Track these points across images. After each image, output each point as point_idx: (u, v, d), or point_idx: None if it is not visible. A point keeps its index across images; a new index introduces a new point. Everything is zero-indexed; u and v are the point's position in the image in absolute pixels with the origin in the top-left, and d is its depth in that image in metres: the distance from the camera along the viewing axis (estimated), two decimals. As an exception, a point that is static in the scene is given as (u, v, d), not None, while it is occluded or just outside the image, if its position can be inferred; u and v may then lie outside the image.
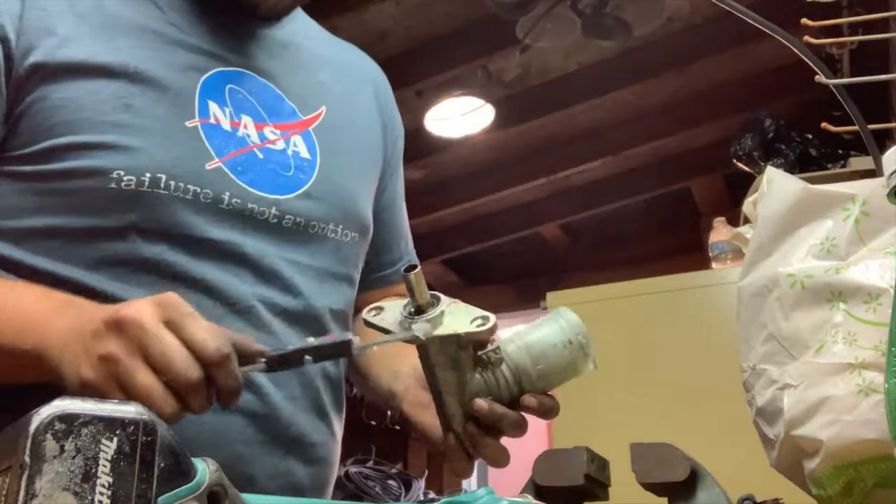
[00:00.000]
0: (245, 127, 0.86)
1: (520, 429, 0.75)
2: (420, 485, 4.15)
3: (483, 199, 4.11)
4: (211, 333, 0.62)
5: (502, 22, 2.84)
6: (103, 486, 0.39)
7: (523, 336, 0.75)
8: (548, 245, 4.66)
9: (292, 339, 0.84)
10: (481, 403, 0.73)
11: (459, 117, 3.55)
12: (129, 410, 0.41)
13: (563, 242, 4.64)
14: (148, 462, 0.40)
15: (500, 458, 0.77)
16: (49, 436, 0.38)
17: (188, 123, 0.82)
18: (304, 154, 0.90)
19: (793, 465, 0.72)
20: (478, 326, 0.69)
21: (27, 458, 0.38)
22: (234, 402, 0.65)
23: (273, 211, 0.85)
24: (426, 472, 4.45)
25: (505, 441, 0.78)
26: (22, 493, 0.37)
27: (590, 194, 4.22)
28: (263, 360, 0.65)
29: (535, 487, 0.78)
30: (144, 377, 0.60)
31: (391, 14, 3.09)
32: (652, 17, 2.85)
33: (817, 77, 0.96)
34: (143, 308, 0.63)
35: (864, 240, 0.71)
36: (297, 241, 0.87)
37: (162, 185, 0.79)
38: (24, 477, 0.37)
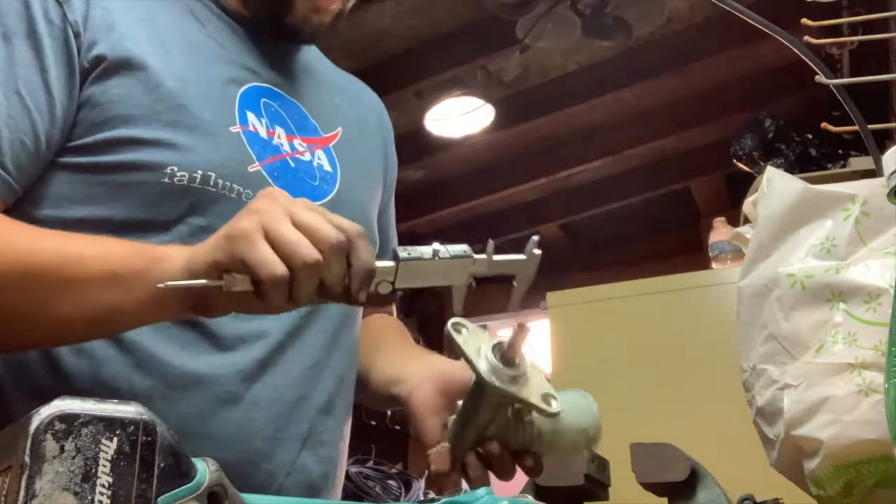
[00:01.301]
0: (278, 137, 0.91)
1: (508, 476, 0.76)
2: (420, 485, 4.15)
3: (483, 199, 4.11)
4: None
5: (502, 22, 2.84)
6: (103, 486, 0.39)
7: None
8: (548, 245, 4.64)
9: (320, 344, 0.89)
10: (494, 449, 0.74)
11: (459, 117, 3.55)
12: (129, 410, 0.41)
13: (563, 242, 4.65)
14: (148, 462, 0.40)
15: (481, 482, 0.75)
16: (49, 436, 0.38)
17: (232, 129, 0.87)
18: (327, 168, 0.95)
19: (793, 465, 0.72)
20: (545, 404, 0.69)
21: (27, 458, 0.38)
22: (365, 288, 0.67)
23: None
24: (426, 472, 4.45)
25: None
26: (22, 493, 0.37)
27: (590, 194, 4.23)
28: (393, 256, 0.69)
29: (535, 487, 0.78)
30: (290, 232, 0.65)
31: (391, 14, 3.09)
32: (652, 17, 2.85)
33: (817, 77, 0.96)
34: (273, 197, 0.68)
35: (864, 240, 0.71)
36: None
37: (211, 182, 0.82)
38: (25, 477, 0.37)
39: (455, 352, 0.71)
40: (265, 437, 0.83)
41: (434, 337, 3.69)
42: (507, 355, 0.69)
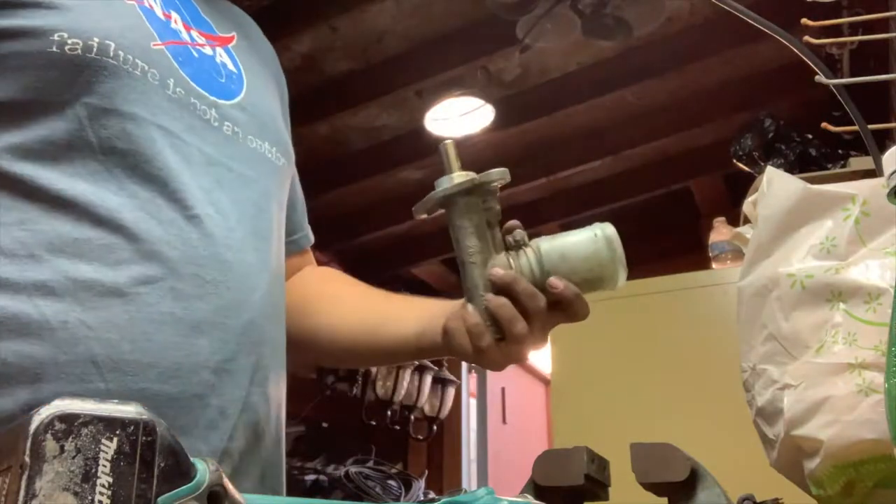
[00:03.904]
0: (175, 22, 0.79)
1: (537, 304, 0.76)
2: (420, 485, 4.15)
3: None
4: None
5: (502, 22, 2.83)
6: (103, 486, 0.39)
7: (555, 236, 0.79)
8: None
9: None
10: (496, 270, 0.75)
11: (459, 117, 3.54)
12: (129, 410, 0.41)
13: (563, 242, 4.64)
14: (148, 462, 0.40)
15: (515, 329, 0.76)
16: (49, 436, 0.38)
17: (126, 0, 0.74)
18: (231, 67, 0.84)
19: (793, 465, 0.72)
20: (486, 175, 0.75)
21: (27, 458, 0.38)
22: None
23: (213, 113, 0.78)
24: (426, 472, 4.46)
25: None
26: (22, 493, 0.37)
27: (590, 194, 4.22)
28: None
29: (535, 487, 0.78)
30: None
31: (391, 14, 3.09)
32: (652, 17, 2.85)
33: (817, 77, 0.96)
34: None
35: (864, 240, 0.71)
36: (238, 153, 0.80)
37: (111, 53, 0.69)
38: (24, 477, 0.38)
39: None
40: (213, 369, 0.71)
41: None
42: (449, 171, 0.77)
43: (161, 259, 0.70)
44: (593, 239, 0.78)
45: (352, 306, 0.97)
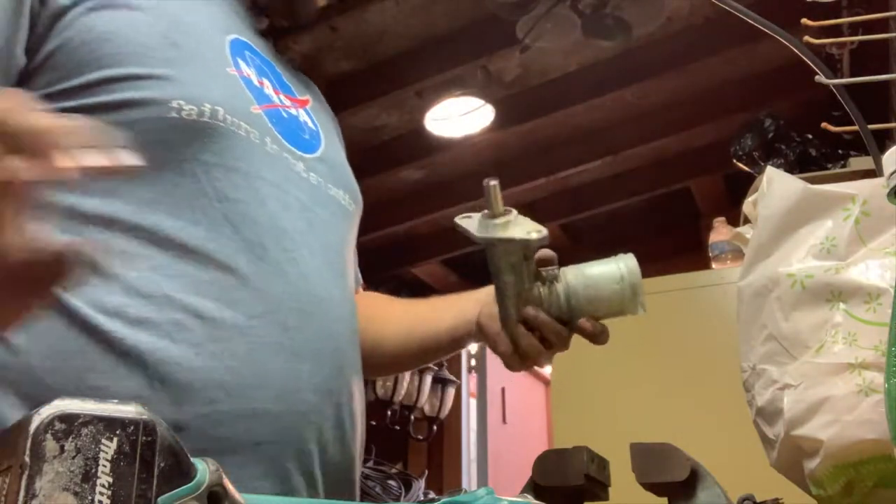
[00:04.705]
0: (267, 88, 0.91)
1: (561, 340, 0.88)
2: (420, 485, 4.15)
3: (483, 199, 4.11)
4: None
5: (502, 22, 2.83)
6: (103, 486, 0.39)
7: (583, 267, 0.88)
8: (548, 245, 4.64)
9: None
10: (530, 310, 0.86)
11: (459, 117, 3.54)
12: (129, 410, 0.41)
13: (563, 243, 4.64)
14: (148, 462, 0.40)
15: (539, 358, 0.90)
16: (49, 436, 0.38)
17: (229, 70, 0.85)
18: (311, 126, 0.96)
19: (793, 465, 0.72)
20: (528, 234, 0.82)
21: (27, 458, 0.38)
22: None
23: (301, 165, 0.89)
24: (426, 472, 4.45)
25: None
26: (22, 493, 0.37)
27: (590, 194, 4.22)
28: None
29: (535, 487, 0.78)
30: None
31: (391, 14, 3.09)
32: (652, 17, 2.85)
33: (817, 77, 0.96)
34: None
35: (864, 240, 0.71)
36: (322, 200, 0.91)
37: (220, 117, 0.80)
38: (25, 477, 0.38)
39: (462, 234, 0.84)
40: (312, 390, 0.82)
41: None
42: (491, 212, 0.82)
43: (269, 296, 0.80)
44: (616, 270, 0.86)
45: (395, 319, 1.10)
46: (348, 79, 3.35)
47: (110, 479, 0.39)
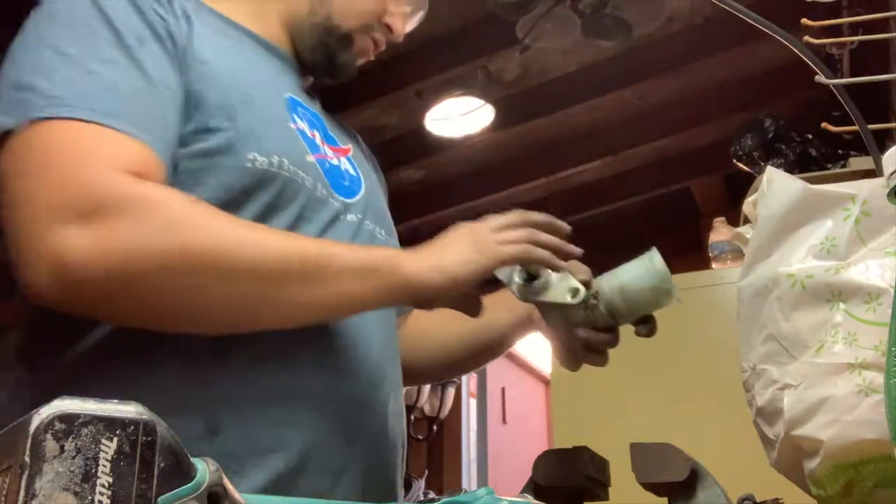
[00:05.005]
0: (317, 139, 1.02)
1: (612, 343, 0.99)
2: (420, 485, 4.15)
3: (483, 199, 4.11)
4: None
5: (502, 22, 2.83)
6: (103, 486, 0.39)
7: (617, 277, 0.93)
8: (548, 245, 4.64)
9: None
10: (580, 332, 0.95)
11: (459, 117, 3.54)
12: (129, 410, 0.41)
13: (562, 242, 4.64)
14: (148, 462, 0.40)
15: (598, 363, 1.01)
16: (49, 436, 0.38)
17: (289, 125, 0.97)
18: (352, 172, 1.07)
19: (793, 465, 0.72)
20: (571, 298, 0.89)
21: (27, 458, 0.38)
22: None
23: (342, 207, 1.00)
24: (426, 472, 4.46)
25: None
26: (22, 493, 0.37)
27: (590, 194, 4.22)
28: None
29: (535, 487, 0.78)
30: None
31: (391, 14, 3.09)
32: (652, 17, 2.85)
33: (817, 77, 0.96)
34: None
35: (864, 240, 0.71)
36: (360, 234, 1.02)
37: (285, 167, 0.91)
38: (25, 477, 0.37)
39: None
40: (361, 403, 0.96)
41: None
42: (529, 273, 0.90)
43: (344, 328, 0.93)
44: (647, 274, 0.92)
45: (455, 325, 1.18)
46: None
47: (110, 479, 0.39)
